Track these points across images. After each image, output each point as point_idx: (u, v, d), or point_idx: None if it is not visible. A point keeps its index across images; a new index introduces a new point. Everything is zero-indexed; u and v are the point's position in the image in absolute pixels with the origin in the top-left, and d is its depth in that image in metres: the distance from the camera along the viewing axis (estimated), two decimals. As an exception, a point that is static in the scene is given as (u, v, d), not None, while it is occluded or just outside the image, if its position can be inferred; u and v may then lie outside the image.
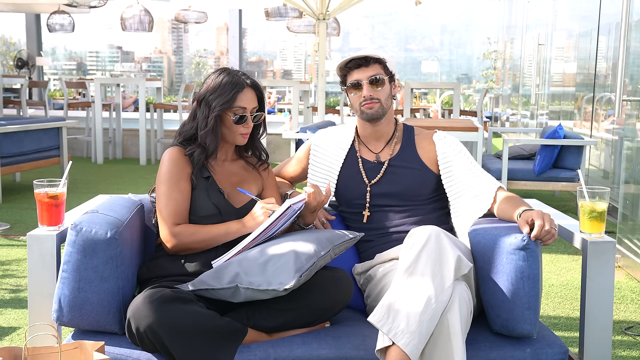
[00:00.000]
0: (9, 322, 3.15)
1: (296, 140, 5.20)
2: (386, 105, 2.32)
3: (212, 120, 2.15)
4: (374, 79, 2.28)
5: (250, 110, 2.20)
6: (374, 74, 2.28)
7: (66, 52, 62.08)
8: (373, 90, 2.28)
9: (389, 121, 2.38)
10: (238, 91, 2.17)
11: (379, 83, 2.28)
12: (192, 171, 2.17)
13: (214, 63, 61.50)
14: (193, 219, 2.15)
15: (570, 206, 6.11)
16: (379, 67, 2.30)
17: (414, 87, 8.78)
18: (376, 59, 2.29)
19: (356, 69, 2.30)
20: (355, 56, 2.30)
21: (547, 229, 1.91)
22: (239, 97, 2.17)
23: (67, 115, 9.25)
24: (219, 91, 2.16)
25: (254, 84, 2.23)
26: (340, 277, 2.07)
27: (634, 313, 3.41)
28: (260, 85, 2.27)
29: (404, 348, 1.77)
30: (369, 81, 2.28)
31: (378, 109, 2.30)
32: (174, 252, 2.12)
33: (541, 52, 10.25)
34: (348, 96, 2.35)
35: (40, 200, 2.05)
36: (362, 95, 2.29)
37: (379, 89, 2.29)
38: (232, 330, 1.89)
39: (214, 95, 2.16)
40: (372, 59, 2.29)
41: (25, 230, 4.79)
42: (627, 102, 4.60)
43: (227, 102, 2.15)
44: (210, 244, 2.11)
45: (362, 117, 2.34)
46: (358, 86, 2.30)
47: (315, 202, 2.17)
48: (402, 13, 70.94)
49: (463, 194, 2.27)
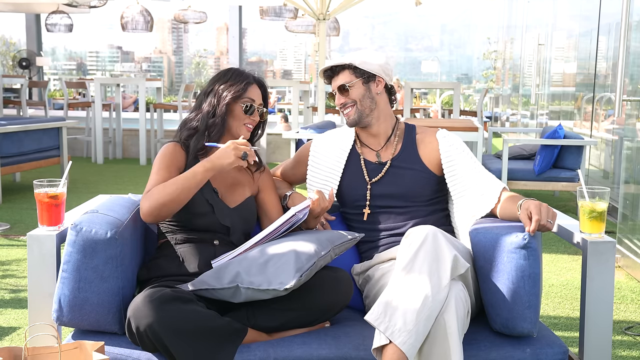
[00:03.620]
0: (9, 322, 3.15)
1: (296, 140, 5.20)
2: (363, 107, 2.32)
3: (222, 108, 2.20)
4: (341, 87, 2.33)
5: (258, 104, 2.26)
6: (342, 82, 2.32)
7: (66, 52, 62.03)
8: (343, 97, 2.33)
9: (382, 120, 2.37)
10: (249, 83, 2.25)
11: (346, 90, 2.32)
12: (186, 162, 2.19)
13: (214, 63, 61.49)
14: (186, 216, 2.15)
15: (570, 206, 6.12)
16: (348, 73, 2.32)
17: (414, 87, 8.78)
18: (342, 65, 2.33)
19: (329, 78, 2.38)
20: (324, 67, 2.37)
21: (543, 224, 1.93)
22: (249, 89, 2.25)
23: (67, 115, 9.25)
24: (231, 81, 2.23)
25: (260, 81, 2.31)
26: (340, 277, 2.07)
27: (634, 313, 3.41)
28: (266, 85, 2.33)
29: (400, 347, 1.77)
30: (338, 89, 2.34)
31: (354, 114, 2.32)
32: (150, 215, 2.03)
33: (541, 52, 10.26)
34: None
35: (40, 200, 2.05)
36: (337, 103, 2.35)
37: (349, 94, 2.32)
38: (232, 330, 1.89)
39: (224, 85, 2.23)
40: (339, 66, 2.34)
41: (25, 230, 4.79)
42: (627, 102, 4.60)
43: (238, 91, 2.22)
44: (183, 192, 2.03)
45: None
46: (332, 95, 2.38)
47: (319, 208, 2.17)
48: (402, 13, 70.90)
49: (467, 192, 2.27)
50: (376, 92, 2.33)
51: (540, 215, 1.93)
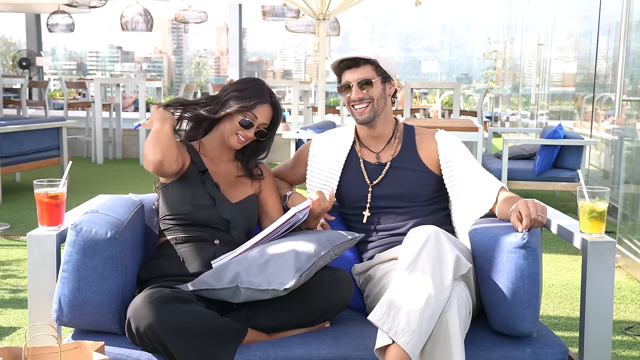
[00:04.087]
0: (9, 322, 3.15)
1: (296, 140, 5.20)
2: (378, 106, 2.29)
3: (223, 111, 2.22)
4: (362, 82, 2.26)
5: (260, 124, 2.25)
6: (363, 76, 2.26)
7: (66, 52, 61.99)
8: (362, 92, 2.26)
9: (387, 121, 2.36)
10: (259, 103, 2.23)
11: (368, 85, 2.26)
12: (189, 163, 2.22)
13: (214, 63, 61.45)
14: (188, 209, 2.16)
15: (570, 206, 6.11)
16: (370, 69, 2.27)
17: (414, 87, 8.77)
18: (367, 60, 2.27)
19: (347, 70, 2.29)
20: (346, 57, 2.28)
21: (534, 217, 1.94)
22: (258, 107, 2.23)
23: (67, 115, 9.25)
24: (244, 93, 2.22)
25: (275, 104, 2.28)
26: (340, 277, 2.08)
27: (634, 313, 3.41)
28: (280, 110, 2.31)
29: (403, 347, 1.77)
30: (358, 83, 2.26)
31: (369, 112, 2.28)
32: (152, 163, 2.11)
33: (541, 52, 10.25)
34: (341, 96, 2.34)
35: (40, 200, 2.05)
36: (351, 98, 2.28)
37: (369, 91, 2.26)
38: (232, 330, 1.89)
39: (238, 94, 2.22)
40: (363, 60, 2.27)
41: (25, 230, 4.79)
42: (627, 102, 4.60)
43: (245, 107, 2.21)
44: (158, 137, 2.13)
45: (355, 120, 2.34)
46: (348, 88, 2.28)
47: (320, 208, 2.17)
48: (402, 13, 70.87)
49: (465, 193, 2.27)
50: (388, 94, 2.33)
51: (529, 210, 1.94)
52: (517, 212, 1.98)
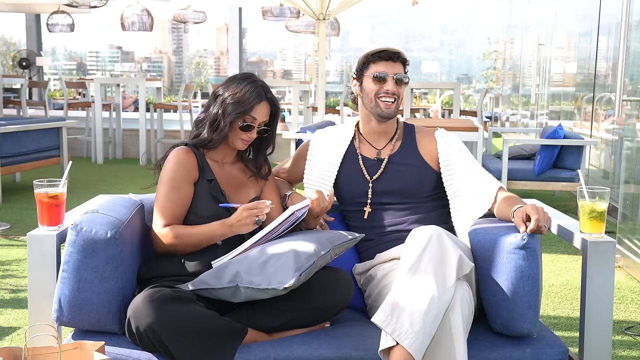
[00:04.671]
0: (9, 322, 3.15)
1: (296, 140, 5.20)
2: (399, 104, 2.35)
3: (226, 126, 2.19)
4: (400, 78, 2.30)
5: (260, 122, 2.23)
6: (400, 72, 2.31)
7: (66, 52, 62.02)
8: (396, 87, 2.30)
9: (394, 119, 2.40)
10: (255, 103, 2.21)
11: (403, 83, 2.32)
12: (198, 165, 2.20)
13: (214, 63, 61.51)
14: (194, 220, 2.16)
15: (570, 206, 6.11)
16: (402, 67, 2.34)
17: (414, 87, 8.78)
18: (404, 58, 2.34)
19: (384, 61, 2.30)
20: (389, 48, 2.32)
21: (540, 225, 1.93)
22: (256, 108, 2.21)
23: (67, 115, 9.25)
24: (238, 98, 2.20)
25: (272, 99, 2.27)
26: (340, 277, 2.07)
27: (634, 313, 3.41)
28: (277, 103, 2.30)
29: (408, 348, 1.77)
30: (395, 77, 2.30)
31: (394, 108, 2.32)
32: (161, 252, 2.15)
33: (541, 52, 10.25)
34: (363, 85, 2.33)
35: (40, 200, 2.05)
36: (384, 89, 2.29)
37: (401, 87, 2.32)
38: (232, 330, 1.89)
39: (233, 101, 2.19)
40: (402, 57, 2.33)
41: (25, 230, 4.79)
42: (627, 102, 4.60)
43: (242, 111, 2.19)
44: (196, 248, 2.14)
45: (375, 112, 2.32)
46: (383, 79, 2.29)
47: (319, 208, 2.17)
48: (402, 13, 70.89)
49: (463, 193, 2.28)
50: (402, 96, 2.37)
51: (539, 216, 1.93)
52: (524, 214, 1.97)
